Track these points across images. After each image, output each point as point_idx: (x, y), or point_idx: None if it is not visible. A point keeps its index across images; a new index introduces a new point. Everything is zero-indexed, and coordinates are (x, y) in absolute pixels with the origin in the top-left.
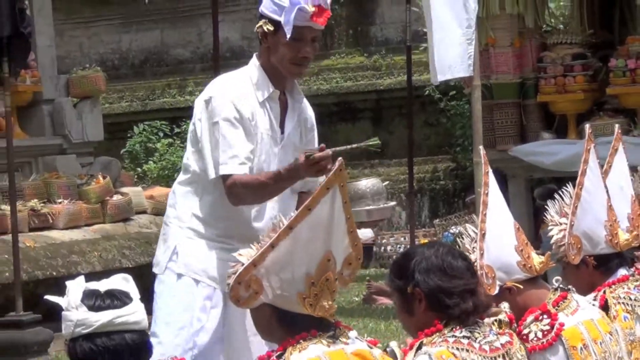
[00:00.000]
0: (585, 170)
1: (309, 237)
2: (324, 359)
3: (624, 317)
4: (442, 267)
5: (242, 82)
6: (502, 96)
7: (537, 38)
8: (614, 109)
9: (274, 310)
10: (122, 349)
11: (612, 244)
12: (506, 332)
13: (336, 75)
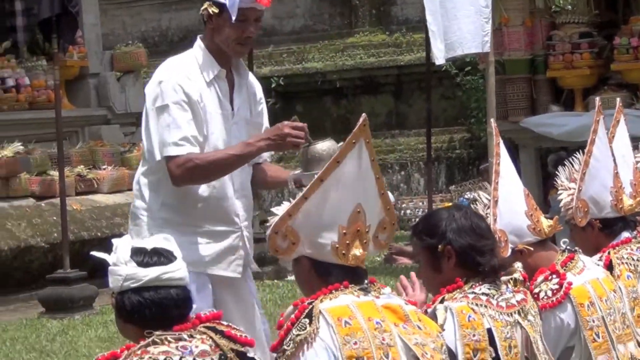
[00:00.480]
0: (594, 139)
1: (339, 189)
2: (352, 308)
3: (627, 276)
4: (472, 227)
5: (188, 65)
6: (514, 71)
7: (546, 18)
8: (618, 84)
9: (312, 262)
10: (168, 302)
11: (617, 209)
12: (521, 290)
13: (360, 52)
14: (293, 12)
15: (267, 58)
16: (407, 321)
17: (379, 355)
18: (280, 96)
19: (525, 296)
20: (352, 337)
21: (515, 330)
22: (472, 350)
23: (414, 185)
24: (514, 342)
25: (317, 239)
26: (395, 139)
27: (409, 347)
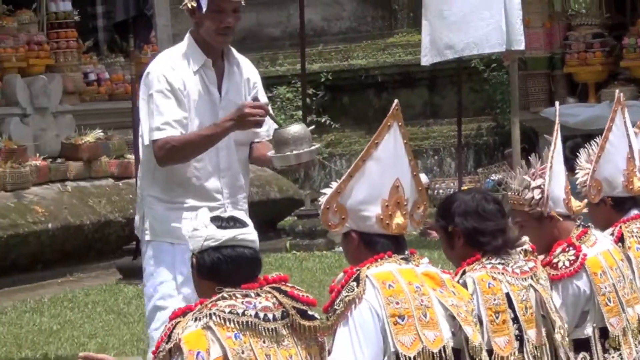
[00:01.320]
0: (611, 127)
1: (379, 167)
2: (395, 273)
3: (636, 248)
4: (476, 211)
5: (174, 57)
6: (535, 68)
7: (563, 20)
8: (626, 79)
9: (359, 235)
10: (241, 260)
11: (628, 189)
12: (531, 258)
13: (399, 51)
14: (340, 15)
15: (317, 56)
16: (444, 286)
17: (418, 314)
18: (329, 89)
19: (535, 264)
20: (395, 298)
21: (530, 293)
22: (494, 313)
23: (445, 168)
24: (529, 303)
25: (363, 212)
26: (429, 127)
27: (446, 307)
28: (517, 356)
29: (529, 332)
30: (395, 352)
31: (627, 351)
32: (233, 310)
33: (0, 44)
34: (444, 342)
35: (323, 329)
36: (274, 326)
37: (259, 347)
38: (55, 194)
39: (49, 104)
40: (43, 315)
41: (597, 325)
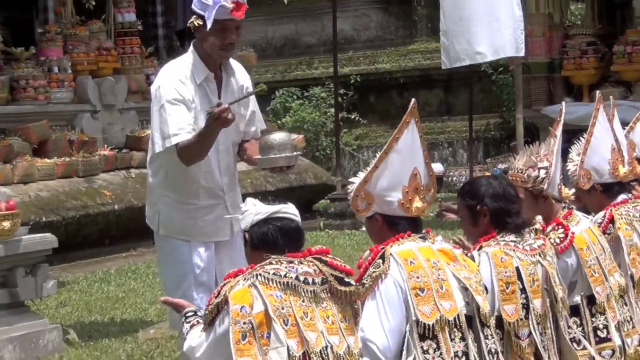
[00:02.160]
0: (594, 123)
1: (400, 158)
2: (415, 251)
3: (625, 228)
4: (504, 194)
5: (182, 70)
6: (536, 71)
7: (561, 30)
8: (616, 81)
9: (383, 217)
10: (287, 229)
11: (614, 175)
12: (540, 237)
13: (418, 56)
14: (368, 25)
15: (347, 61)
16: (456, 261)
17: (436, 286)
18: (357, 90)
19: (544, 242)
20: (415, 273)
21: (537, 268)
22: (505, 284)
23: (458, 159)
24: (536, 276)
25: (387, 198)
26: (444, 123)
27: (459, 279)
28: (523, 322)
29: (535, 302)
30: (416, 320)
31: (611, 315)
32: (277, 272)
33: (73, 50)
34: (458, 311)
35: (358, 295)
36: (313, 289)
37: (297, 305)
38: (121, 180)
39: (116, 102)
40: (110, 285)
41: (585, 293)
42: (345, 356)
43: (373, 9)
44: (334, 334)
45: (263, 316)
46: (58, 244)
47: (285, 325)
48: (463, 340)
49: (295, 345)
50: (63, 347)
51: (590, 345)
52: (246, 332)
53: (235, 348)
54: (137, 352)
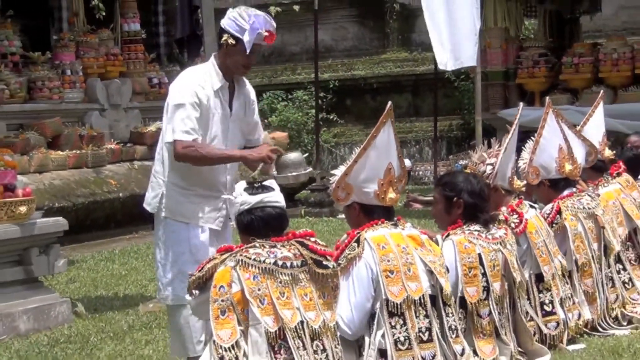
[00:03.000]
0: (544, 125)
1: (377, 154)
2: (387, 236)
3: (571, 219)
4: (480, 192)
5: (202, 76)
6: (494, 79)
7: (516, 43)
8: (564, 88)
9: (360, 206)
10: (269, 217)
11: (560, 172)
12: (503, 227)
13: (390, 64)
14: (345, 37)
15: (327, 67)
16: (423, 246)
17: (404, 269)
18: (336, 93)
19: (505, 232)
20: (386, 256)
21: (498, 255)
22: (468, 268)
23: (424, 155)
24: (497, 262)
25: (365, 189)
26: (412, 123)
27: (425, 263)
28: (484, 302)
29: (494, 285)
30: (386, 299)
31: (556, 292)
32: (257, 258)
33: (84, 55)
34: (423, 291)
35: (334, 276)
36: (291, 271)
37: (274, 287)
38: (125, 170)
39: (122, 101)
40: (114, 263)
41: (534, 272)
42: (321, 330)
43: (350, 22)
44: (311, 309)
45: (240, 295)
46: (68, 227)
47: (262, 305)
48: (427, 318)
49: (271, 321)
50: (72, 319)
51: (537, 318)
52: (225, 309)
53: (215, 323)
54: (137, 323)
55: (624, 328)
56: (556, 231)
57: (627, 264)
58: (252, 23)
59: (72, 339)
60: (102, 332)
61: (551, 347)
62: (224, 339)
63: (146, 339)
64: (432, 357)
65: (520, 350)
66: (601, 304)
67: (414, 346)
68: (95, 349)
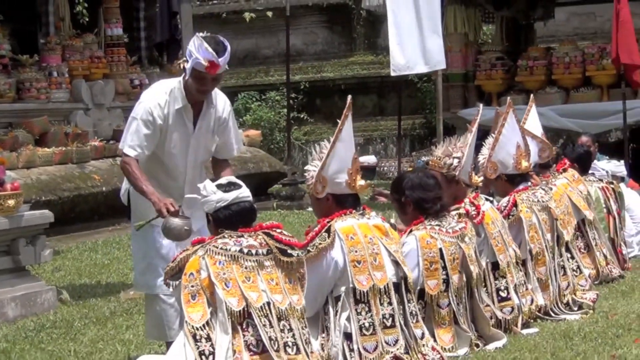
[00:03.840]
0: (504, 124)
1: (344, 146)
2: (355, 227)
3: (526, 211)
4: (420, 184)
5: (165, 94)
6: (454, 81)
7: (475, 47)
8: (520, 89)
9: (333, 196)
10: (244, 211)
11: (517, 168)
12: (463, 220)
13: (357, 67)
14: (315, 41)
15: (298, 70)
16: (387, 235)
17: (370, 260)
18: (306, 94)
19: (465, 225)
20: (355, 247)
21: (457, 248)
22: (429, 263)
23: (389, 152)
24: (456, 255)
25: (337, 180)
26: (378, 122)
27: (390, 252)
28: (443, 294)
29: (453, 277)
30: (353, 287)
31: (510, 279)
32: (224, 246)
33: (70, 58)
34: (388, 280)
35: (299, 264)
36: (257, 258)
37: (240, 272)
38: (108, 166)
39: (105, 101)
40: (97, 253)
41: (490, 260)
42: (287, 311)
43: (320, 28)
44: (277, 293)
45: (208, 280)
46: (54, 219)
47: (227, 287)
48: (390, 305)
49: (235, 302)
50: (57, 305)
51: (493, 304)
52: (195, 293)
53: (186, 306)
54: (118, 309)
55: (575, 313)
56: (512, 223)
57: (577, 252)
58: (197, 54)
59: (57, 324)
60: (85, 317)
61: (506, 331)
62: (196, 319)
63: (127, 324)
64: (395, 341)
65: (479, 336)
66: (553, 291)
67: (378, 331)
68: (79, 334)
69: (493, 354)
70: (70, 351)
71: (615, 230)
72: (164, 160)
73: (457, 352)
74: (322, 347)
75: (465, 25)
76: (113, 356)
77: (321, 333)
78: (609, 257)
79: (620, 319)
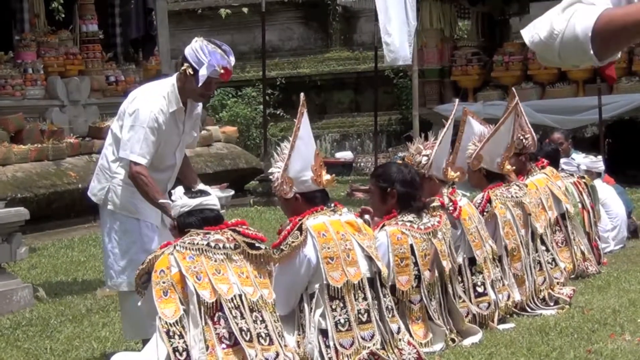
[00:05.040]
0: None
1: (304, 143)
2: (327, 224)
3: (500, 207)
4: (412, 181)
5: (162, 98)
6: (430, 76)
7: (451, 42)
8: (496, 85)
9: (301, 195)
10: (208, 218)
11: (499, 169)
12: (437, 214)
13: (333, 63)
14: (291, 37)
15: (274, 66)
16: (360, 231)
17: (344, 256)
18: (282, 90)
19: (440, 219)
20: (327, 244)
21: (429, 245)
22: (400, 259)
23: (366, 148)
24: (428, 251)
25: (302, 178)
26: (354, 118)
27: (363, 248)
28: (415, 290)
29: (425, 273)
30: (327, 284)
31: (487, 274)
32: (191, 242)
33: (45, 55)
34: (362, 275)
35: (269, 257)
36: (225, 251)
37: (209, 264)
38: (84, 163)
39: (80, 98)
40: (74, 250)
41: (467, 255)
42: (259, 303)
43: (296, 24)
44: (248, 285)
45: (179, 275)
46: (30, 216)
47: (198, 280)
48: (365, 300)
49: (207, 294)
50: (33, 303)
51: (469, 300)
52: (167, 289)
53: (158, 303)
54: (95, 306)
55: (551, 308)
56: (487, 219)
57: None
58: (209, 60)
59: (34, 322)
60: (61, 315)
61: (483, 327)
62: (169, 315)
63: (103, 321)
64: (371, 336)
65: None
66: (529, 286)
67: (353, 327)
68: (55, 331)
69: (469, 350)
70: (47, 349)
71: (590, 225)
72: (155, 159)
73: (432, 348)
74: (298, 344)
75: (441, 21)
76: (89, 354)
77: (297, 331)
78: (586, 254)
79: (596, 314)
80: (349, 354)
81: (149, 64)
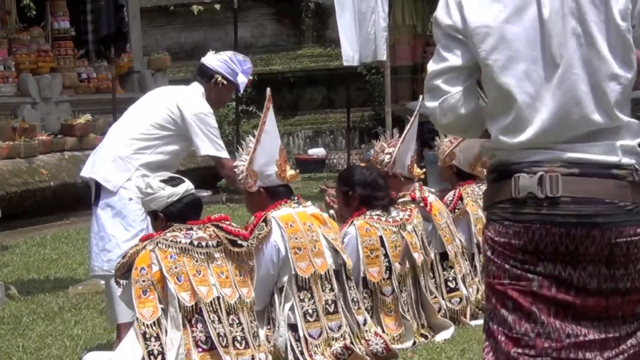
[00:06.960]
0: None
1: (269, 138)
2: (294, 215)
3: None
4: (371, 183)
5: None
6: (402, 73)
7: (423, 39)
8: None
9: (265, 189)
10: (194, 202)
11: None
12: (408, 208)
13: (305, 60)
14: (264, 34)
15: None
16: (325, 224)
17: (310, 246)
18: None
19: (411, 212)
20: (294, 234)
21: (399, 237)
22: (369, 250)
23: (338, 144)
24: (398, 243)
25: (267, 172)
26: (327, 115)
27: (329, 240)
28: (386, 281)
29: (396, 265)
30: (295, 274)
31: (458, 269)
32: (174, 239)
33: (17, 52)
34: (328, 267)
35: (248, 255)
36: (207, 250)
37: (191, 265)
38: (56, 161)
39: (52, 95)
40: (46, 248)
41: (438, 251)
42: (237, 305)
43: (268, 20)
44: (227, 286)
45: (160, 275)
46: (2, 214)
47: (179, 282)
48: (332, 291)
49: (187, 297)
50: (5, 301)
51: (441, 295)
52: (146, 289)
53: (137, 302)
54: (67, 304)
55: None
56: (458, 216)
57: None
58: (245, 68)
59: (6, 320)
60: (34, 313)
61: (455, 322)
62: (146, 316)
63: (75, 319)
64: (338, 327)
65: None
66: None
67: (321, 317)
68: (28, 330)
69: (442, 346)
70: (19, 347)
71: None
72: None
73: (404, 344)
74: (267, 338)
75: (413, 17)
76: (62, 352)
77: (267, 325)
78: None
79: None
80: (317, 344)
81: (120, 61)
